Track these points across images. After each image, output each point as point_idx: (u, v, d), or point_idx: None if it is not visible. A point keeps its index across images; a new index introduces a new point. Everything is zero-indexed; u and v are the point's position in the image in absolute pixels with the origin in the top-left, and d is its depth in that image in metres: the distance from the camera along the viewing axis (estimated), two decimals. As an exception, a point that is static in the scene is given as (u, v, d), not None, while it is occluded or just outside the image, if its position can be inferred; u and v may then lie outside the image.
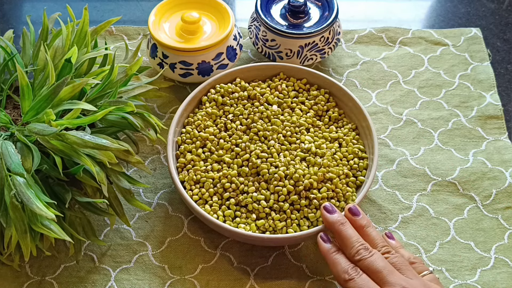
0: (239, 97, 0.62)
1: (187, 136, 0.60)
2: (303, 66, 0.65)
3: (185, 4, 0.70)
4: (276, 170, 0.56)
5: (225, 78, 0.64)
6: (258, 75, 0.65)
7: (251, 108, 0.61)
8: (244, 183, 0.56)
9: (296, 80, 0.65)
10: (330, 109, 0.63)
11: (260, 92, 0.62)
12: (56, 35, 0.57)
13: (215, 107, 0.62)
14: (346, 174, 0.57)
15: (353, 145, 0.60)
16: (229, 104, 0.62)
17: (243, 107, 0.61)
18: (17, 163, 0.47)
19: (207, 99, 0.62)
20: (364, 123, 0.60)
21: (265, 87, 0.63)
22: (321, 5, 0.71)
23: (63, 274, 0.56)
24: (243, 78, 0.64)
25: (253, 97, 0.62)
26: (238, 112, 0.61)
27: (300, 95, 0.64)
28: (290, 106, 0.63)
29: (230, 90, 0.62)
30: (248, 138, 0.59)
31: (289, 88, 0.64)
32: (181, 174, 0.57)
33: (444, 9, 0.81)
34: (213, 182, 0.56)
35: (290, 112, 0.62)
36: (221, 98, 0.62)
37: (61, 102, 0.50)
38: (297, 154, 0.58)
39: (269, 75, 0.65)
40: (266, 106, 0.61)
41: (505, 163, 0.64)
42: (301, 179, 0.55)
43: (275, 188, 0.55)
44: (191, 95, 0.61)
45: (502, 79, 0.72)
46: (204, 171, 0.57)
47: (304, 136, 0.60)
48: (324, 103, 0.63)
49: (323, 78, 0.64)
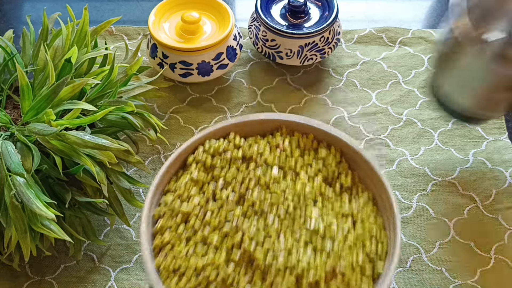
0: (232, 157, 0.51)
1: (167, 208, 0.48)
2: (309, 120, 0.53)
3: (185, 4, 0.70)
4: (274, 259, 0.44)
5: (217, 132, 0.52)
6: (256, 130, 0.54)
7: (246, 172, 0.50)
8: (234, 274, 0.45)
9: (301, 135, 0.53)
10: (342, 173, 0.51)
11: (258, 151, 0.51)
12: (56, 35, 0.57)
13: (203, 171, 0.50)
14: (361, 267, 0.45)
15: (371, 223, 0.48)
16: (220, 166, 0.50)
17: (236, 170, 0.50)
18: (17, 163, 0.47)
19: (193, 159, 0.51)
20: (384, 194, 0.49)
21: (264, 145, 0.52)
22: (321, 5, 0.71)
23: (63, 274, 0.56)
24: (238, 133, 0.53)
25: (249, 158, 0.51)
26: (230, 177, 0.49)
27: (306, 155, 0.52)
28: (293, 169, 0.51)
29: (221, 149, 0.51)
30: (241, 212, 0.48)
31: (292, 145, 0.52)
32: (157, 258, 0.46)
33: (444, 9, 0.81)
34: (195, 271, 0.45)
35: (293, 177, 0.50)
36: (210, 160, 0.50)
37: (61, 102, 0.50)
38: (301, 235, 0.46)
39: (269, 129, 0.54)
40: (264, 169, 0.50)
41: (505, 163, 0.64)
42: (306, 273, 0.44)
43: (273, 282, 0.44)
44: (176, 154, 0.50)
45: (502, 79, 0.72)
46: (185, 255, 0.46)
47: (311, 210, 0.48)
48: (335, 166, 0.52)
49: (333, 136, 0.52)
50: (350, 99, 0.70)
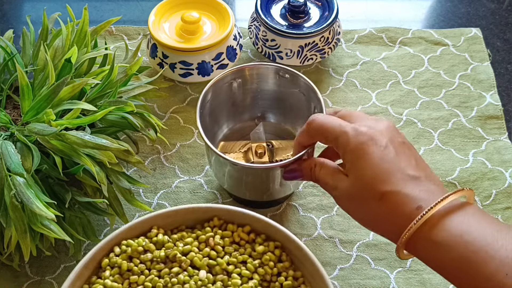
0: (152, 259, 0.45)
1: None
2: (244, 210, 0.47)
3: (185, 4, 0.70)
4: None
5: (136, 228, 0.46)
6: (184, 221, 0.48)
7: (168, 277, 0.44)
8: None
9: (236, 227, 0.47)
10: (282, 271, 0.45)
11: (183, 250, 0.45)
12: (56, 35, 0.57)
13: (118, 277, 0.45)
14: None
15: None
16: (137, 271, 0.45)
17: (157, 274, 0.45)
18: (17, 163, 0.47)
19: (108, 263, 0.45)
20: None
21: (192, 241, 0.46)
22: (321, 5, 0.71)
23: (63, 274, 0.56)
24: (162, 226, 0.47)
25: (172, 258, 0.45)
26: (150, 285, 0.44)
27: (241, 251, 0.46)
28: (225, 269, 0.45)
29: (140, 249, 0.45)
30: None
31: (225, 241, 0.46)
32: None
33: (444, 9, 0.81)
34: None
35: (225, 279, 0.44)
36: (126, 263, 0.45)
37: (61, 102, 0.50)
38: None
39: (199, 220, 0.48)
40: (190, 271, 0.44)
41: (505, 163, 0.64)
42: None
43: None
44: (88, 256, 0.44)
45: (502, 79, 0.72)
46: None
47: None
48: (274, 264, 0.45)
49: (272, 227, 0.46)
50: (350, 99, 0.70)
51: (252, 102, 0.62)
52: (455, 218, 0.40)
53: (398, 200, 0.42)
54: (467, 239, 0.39)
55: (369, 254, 0.58)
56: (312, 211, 0.61)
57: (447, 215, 0.41)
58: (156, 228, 0.47)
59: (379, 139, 0.44)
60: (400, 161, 0.44)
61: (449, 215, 0.41)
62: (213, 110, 0.59)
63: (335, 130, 0.46)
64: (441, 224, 0.40)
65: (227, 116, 0.62)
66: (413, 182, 0.43)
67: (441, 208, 0.41)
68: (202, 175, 0.63)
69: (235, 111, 0.62)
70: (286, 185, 0.55)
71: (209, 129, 0.59)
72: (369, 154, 0.44)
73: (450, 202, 0.41)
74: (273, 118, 0.63)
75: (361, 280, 0.56)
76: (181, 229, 0.47)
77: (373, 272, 0.57)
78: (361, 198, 0.44)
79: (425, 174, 0.44)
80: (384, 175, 0.43)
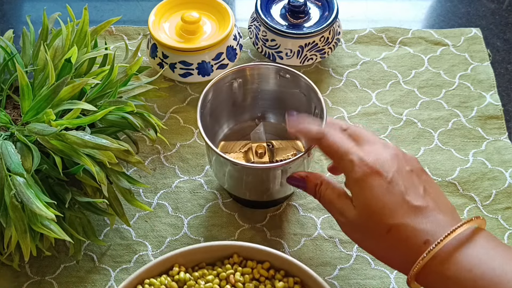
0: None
1: None
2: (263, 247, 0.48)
3: (185, 4, 0.70)
4: None
5: (158, 267, 0.47)
6: (204, 258, 0.49)
7: None
8: None
9: (255, 263, 0.48)
10: None
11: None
12: (56, 35, 0.57)
13: None
14: None
15: None
16: None
17: None
18: (17, 163, 0.47)
19: None
20: None
21: (213, 279, 0.47)
22: (321, 5, 0.71)
23: (63, 274, 0.56)
24: (183, 264, 0.48)
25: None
26: None
27: (262, 287, 0.47)
28: None
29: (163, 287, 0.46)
30: None
31: (245, 277, 0.47)
32: None
33: (444, 9, 0.81)
34: None
35: None
36: None
37: (61, 102, 0.50)
38: None
39: (220, 257, 0.49)
40: None
41: (505, 164, 0.64)
42: None
43: None
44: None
45: (502, 79, 0.72)
46: None
47: None
48: None
49: (291, 262, 0.47)
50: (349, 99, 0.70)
51: (252, 102, 0.62)
52: (464, 251, 0.40)
53: (405, 234, 0.42)
54: (475, 273, 0.39)
55: (369, 254, 0.58)
56: (312, 211, 0.61)
57: (457, 248, 0.41)
58: (177, 266, 0.47)
59: (385, 171, 0.44)
60: (406, 192, 0.43)
61: (459, 248, 0.41)
62: (214, 110, 0.59)
63: (342, 156, 0.46)
64: (451, 258, 0.40)
65: (227, 116, 0.62)
66: (420, 214, 0.42)
67: (451, 240, 0.41)
68: (202, 175, 0.63)
69: (235, 111, 0.62)
70: (286, 185, 0.55)
71: (210, 129, 0.59)
72: (374, 187, 0.44)
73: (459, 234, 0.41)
74: (274, 118, 0.63)
75: (361, 280, 0.56)
76: (202, 266, 0.48)
77: (373, 272, 0.57)
78: (368, 230, 0.44)
79: (434, 203, 0.43)
80: (390, 208, 0.43)
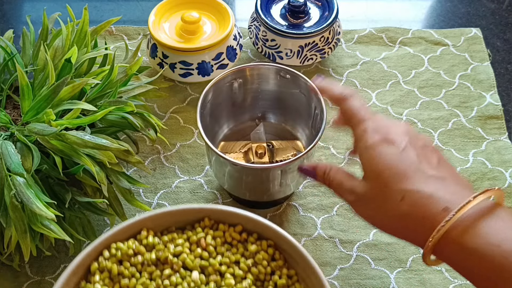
0: (143, 261, 0.44)
1: None
2: (235, 209, 0.45)
3: (185, 4, 0.70)
4: None
5: (126, 231, 0.45)
6: (174, 222, 0.46)
7: (160, 280, 0.43)
8: None
9: (227, 227, 0.46)
10: (275, 270, 0.44)
11: (175, 252, 0.44)
12: (56, 35, 0.57)
13: (108, 281, 0.43)
14: None
15: None
16: (128, 275, 0.43)
17: (149, 277, 0.43)
18: (17, 163, 0.47)
19: (97, 267, 0.43)
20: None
21: (183, 242, 0.45)
22: (321, 5, 0.71)
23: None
24: (151, 228, 0.46)
25: (164, 261, 0.44)
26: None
27: (234, 251, 0.45)
28: (218, 270, 0.44)
29: (131, 252, 0.44)
30: None
31: (217, 241, 0.45)
32: None
33: (444, 9, 0.81)
34: None
35: (218, 280, 0.43)
36: (116, 267, 0.43)
37: (61, 102, 0.50)
38: None
39: (190, 221, 0.46)
40: (182, 273, 0.43)
41: (505, 164, 0.64)
42: None
43: None
44: (76, 261, 0.42)
45: (502, 79, 0.72)
46: None
47: None
48: (267, 262, 0.44)
49: (264, 225, 0.45)
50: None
51: (252, 102, 0.62)
52: (490, 223, 0.38)
53: (421, 201, 0.39)
54: (505, 249, 0.36)
55: (369, 254, 0.58)
56: (312, 211, 0.61)
57: (480, 219, 0.38)
58: (145, 230, 0.45)
59: (398, 141, 0.42)
60: (420, 162, 0.41)
61: (482, 219, 0.38)
62: (214, 110, 0.59)
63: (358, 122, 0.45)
64: (475, 229, 0.37)
65: (227, 116, 0.62)
66: (436, 182, 0.40)
67: (470, 210, 0.38)
68: (202, 175, 0.63)
69: (235, 111, 0.62)
70: (286, 186, 0.55)
71: (210, 129, 0.59)
72: (387, 154, 0.42)
73: (478, 203, 0.38)
74: (274, 118, 0.63)
75: (361, 280, 0.56)
76: (171, 231, 0.46)
77: (373, 272, 0.57)
78: (380, 200, 0.41)
79: (450, 175, 0.41)
80: (403, 174, 0.40)
